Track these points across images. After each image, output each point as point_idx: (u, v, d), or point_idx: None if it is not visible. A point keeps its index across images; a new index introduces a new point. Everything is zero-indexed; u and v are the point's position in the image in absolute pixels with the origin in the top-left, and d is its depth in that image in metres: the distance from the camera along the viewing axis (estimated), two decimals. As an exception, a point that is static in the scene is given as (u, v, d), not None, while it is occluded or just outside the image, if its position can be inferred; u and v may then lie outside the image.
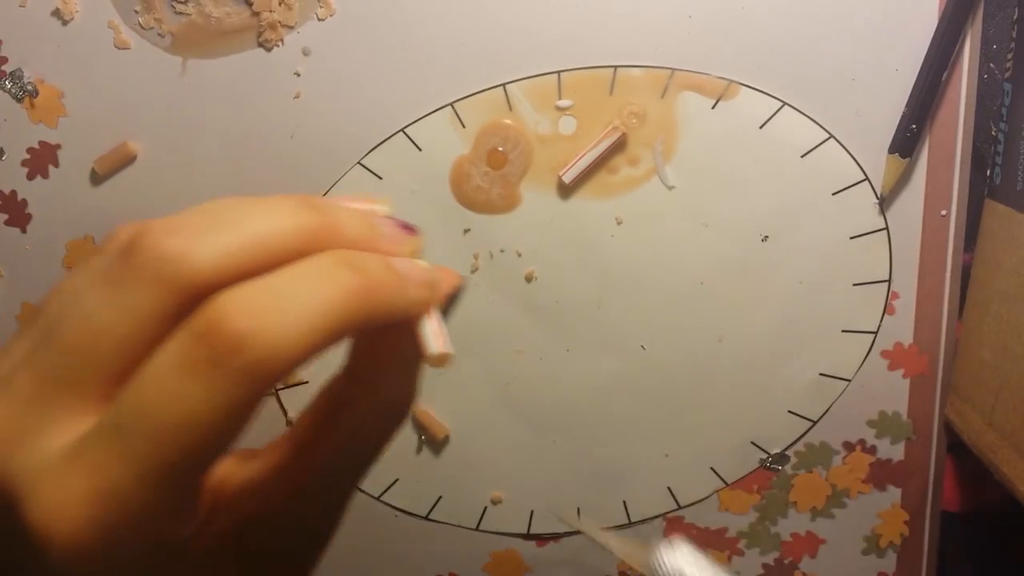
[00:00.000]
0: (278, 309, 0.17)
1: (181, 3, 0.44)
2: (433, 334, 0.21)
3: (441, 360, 0.21)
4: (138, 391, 0.17)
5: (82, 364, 0.18)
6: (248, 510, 0.21)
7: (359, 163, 0.45)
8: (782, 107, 0.44)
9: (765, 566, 0.50)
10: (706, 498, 0.48)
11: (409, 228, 0.22)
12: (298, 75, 0.44)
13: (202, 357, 0.17)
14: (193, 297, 0.18)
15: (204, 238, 0.18)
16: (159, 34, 0.44)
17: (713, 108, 0.44)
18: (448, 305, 0.23)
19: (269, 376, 0.17)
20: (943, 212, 0.44)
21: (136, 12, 0.44)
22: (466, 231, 0.45)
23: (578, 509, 0.49)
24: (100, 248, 0.21)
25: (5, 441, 0.18)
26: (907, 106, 0.43)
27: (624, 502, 0.49)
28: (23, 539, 0.18)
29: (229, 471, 0.22)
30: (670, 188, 0.45)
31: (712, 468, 0.48)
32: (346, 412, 0.22)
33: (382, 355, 0.22)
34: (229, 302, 0.17)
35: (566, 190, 0.45)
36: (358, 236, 0.20)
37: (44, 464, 0.18)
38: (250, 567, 0.22)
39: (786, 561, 0.50)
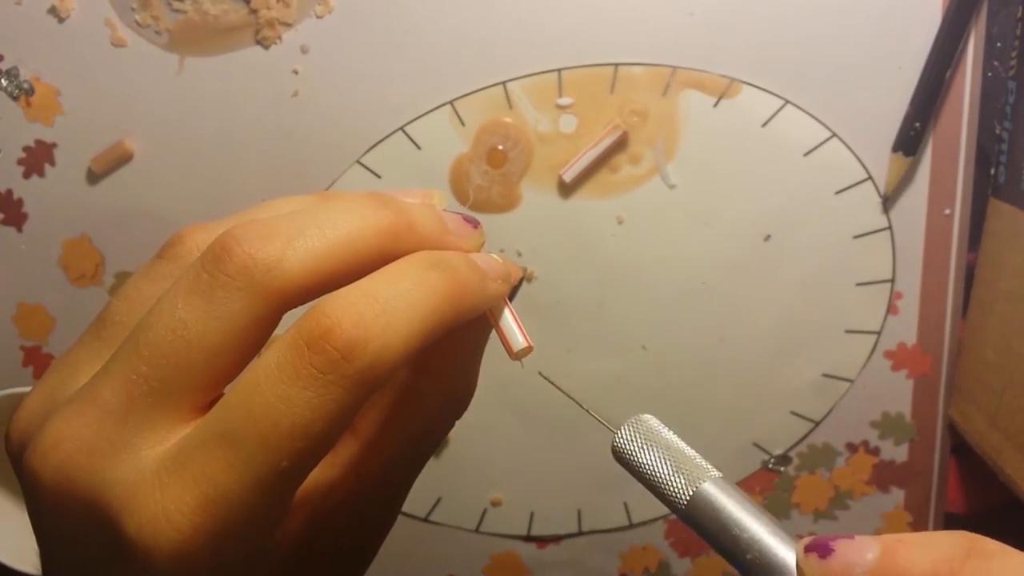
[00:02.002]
0: (383, 316, 0.18)
1: (178, 0, 0.43)
2: (514, 329, 0.22)
3: (526, 353, 0.22)
4: (247, 398, 0.17)
5: (175, 375, 0.18)
6: (319, 511, 0.22)
7: (358, 161, 0.45)
8: (784, 105, 0.43)
9: (767, 568, 0.49)
10: (708, 499, 0.48)
11: (472, 222, 0.23)
12: (296, 73, 0.44)
13: (313, 364, 0.17)
14: (286, 304, 0.19)
15: (295, 245, 0.19)
16: (156, 32, 0.44)
17: (715, 106, 0.43)
18: (512, 296, 0.24)
19: (376, 381, 0.18)
20: (947, 211, 0.44)
21: (133, 9, 0.43)
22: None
23: (579, 511, 0.49)
24: (162, 253, 0.22)
25: (96, 454, 0.18)
26: (910, 104, 0.43)
27: (625, 503, 0.48)
28: (118, 554, 0.17)
29: None
30: (671, 187, 0.44)
31: (714, 469, 0.47)
32: (412, 405, 0.22)
33: (448, 347, 0.22)
34: (336, 310, 0.18)
35: (567, 189, 0.45)
36: (431, 233, 0.21)
37: (141, 476, 0.18)
38: (317, 567, 0.22)
39: (788, 563, 0.49)
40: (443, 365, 0.23)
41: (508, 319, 0.22)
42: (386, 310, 0.18)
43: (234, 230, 0.19)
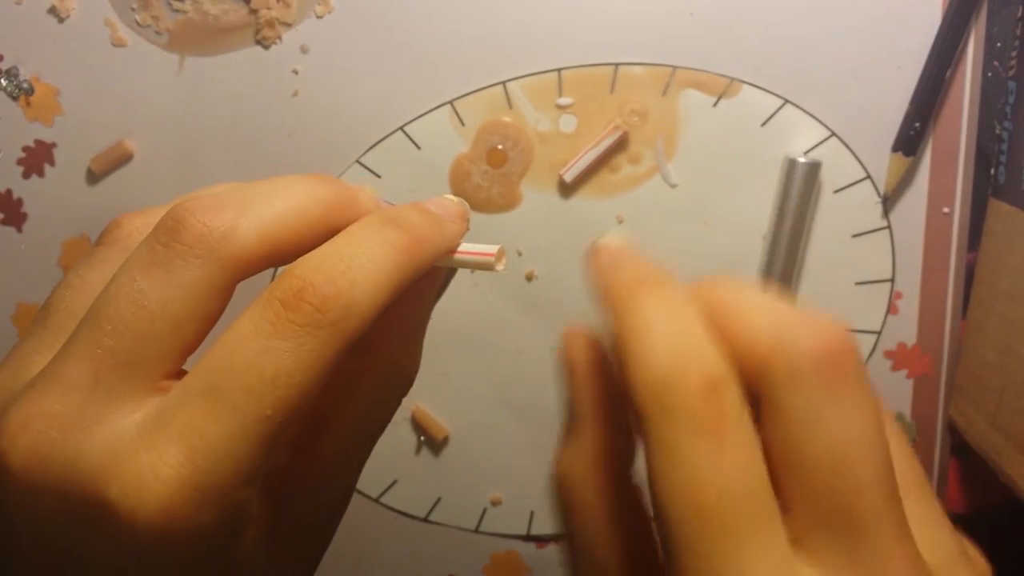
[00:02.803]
0: (348, 273, 0.19)
1: (178, 0, 0.43)
2: (476, 251, 0.23)
3: (500, 257, 0.23)
4: (226, 355, 0.18)
5: (140, 346, 0.19)
6: (279, 493, 0.22)
7: (357, 161, 0.45)
8: (784, 105, 0.43)
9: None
10: (707, 499, 0.48)
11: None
12: (296, 73, 0.44)
13: (291, 319, 0.18)
14: (241, 272, 0.19)
15: (246, 214, 0.20)
16: (156, 31, 0.44)
17: (715, 106, 0.43)
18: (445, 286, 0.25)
19: (350, 333, 0.19)
20: (946, 210, 0.44)
21: (133, 9, 0.43)
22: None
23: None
24: (101, 240, 0.22)
25: (68, 428, 0.18)
26: (910, 104, 0.43)
27: (625, 503, 0.48)
28: (98, 524, 0.18)
29: None
30: (672, 186, 0.44)
31: (714, 469, 0.47)
32: (358, 383, 0.23)
33: (389, 322, 0.22)
34: (307, 271, 0.19)
35: (567, 189, 0.45)
36: (372, 206, 0.22)
37: (119, 441, 0.18)
38: (284, 545, 0.22)
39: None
40: (385, 342, 0.23)
41: (467, 249, 0.23)
42: (351, 267, 0.19)
43: (186, 202, 0.20)
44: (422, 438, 0.48)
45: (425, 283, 0.23)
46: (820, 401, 0.18)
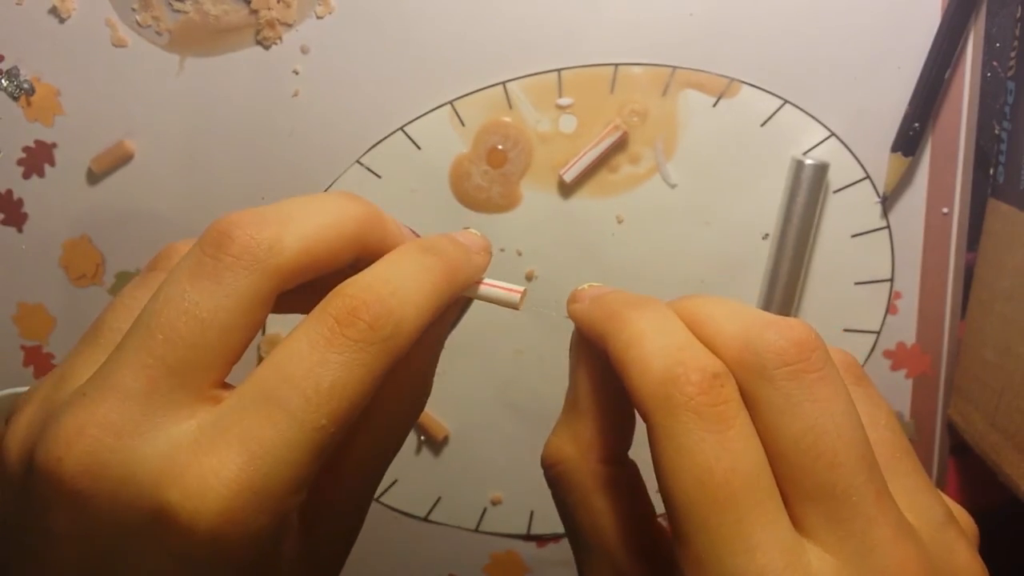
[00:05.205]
0: (396, 295, 0.20)
1: (179, 1, 0.43)
2: (500, 288, 0.25)
3: (523, 297, 0.25)
4: (283, 365, 0.19)
5: (192, 354, 0.19)
6: (308, 506, 0.22)
7: (358, 162, 0.45)
8: (783, 105, 0.43)
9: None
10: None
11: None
12: (296, 73, 0.44)
13: (345, 335, 0.19)
14: (284, 283, 0.20)
15: (288, 228, 0.21)
16: (156, 32, 0.44)
17: (714, 106, 0.43)
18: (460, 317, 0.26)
19: (398, 349, 0.20)
20: (945, 210, 0.44)
21: (134, 10, 0.44)
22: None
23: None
24: (154, 265, 0.23)
25: (125, 434, 0.18)
26: (909, 104, 0.43)
27: (625, 503, 0.48)
28: (154, 528, 0.18)
29: None
30: (672, 186, 0.44)
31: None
32: (381, 402, 0.23)
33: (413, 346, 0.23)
34: (359, 291, 0.20)
35: (567, 189, 0.45)
36: (390, 223, 0.23)
37: (177, 446, 0.18)
38: (318, 550, 0.23)
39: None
40: (406, 364, 0.24)
41: (492, 283, 0.25)
42: (397, 289, 0.20)
43: (228, 218, 0.20)
44: (422, 438, 0.48)
45: (447, 311, 0.24)
46: (791, 391, 0.20)
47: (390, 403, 0.23)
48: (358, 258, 0.23)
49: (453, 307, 0.25)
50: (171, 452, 0.18)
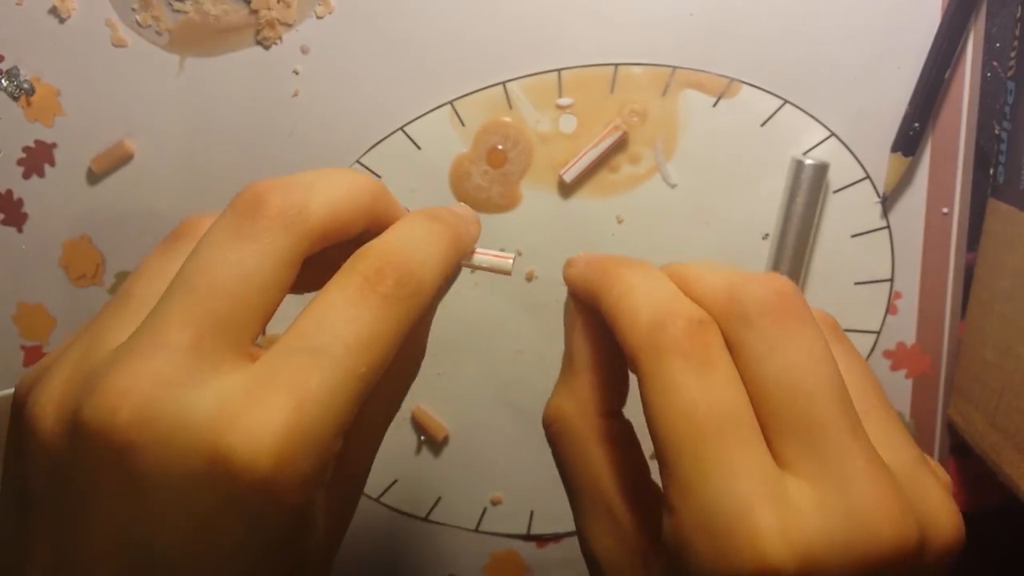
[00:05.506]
0: (415, 256, 0.22)
1: (179, 1, 0.43)
2: (492, 256, 0.27)
3: (513, 263, 0.27)
4: (323, 318, 0.20)
5: (237, 309, 0.20)
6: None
7: (358, 161, 0.45)
8: (783, 105, 0.43)
9: (767, 567, 0.49)
10: (707, 499, 0.48)
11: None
12: (296, 73, 0.44)
13: (375, 291, 0.21)
14: (313, 245, 0.22)
15: (313, 195, 0.22)
16: (156, 32, 0.44)
17: (714, 106, 0.43)
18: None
19: (420, 308, 0.22)
20: (945, 210, 0.44)
21: (134, 10, 0.44)
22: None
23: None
24: (178, 234, 0.24)
25: (177, 386, 0.19)
26: (909, 104, 0.43)
27: (625, 503, 0.48)
28: (211, 476, 0.18)
29: None
30: (672, 186, 0.44)
31: (713, 469, 0.47)
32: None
33: None
34: (383, 253, 0.22)
35: (567, 189, 0.45)
36: (394, 198, 0.25)
37: (229, 395, 0.19)
38: (330, 525, 0.24)
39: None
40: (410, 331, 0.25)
41: (484, 252, 0.27)
42: (415, 252, 0.22)
43: (259, 184, 0.22)
44: (422, 438, 0.48)
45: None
46: (772, 335, 0.21)
47: (397, 362, 0.24)
48: (367, 228, 0.24)
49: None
50: (223, 401, 0.19)
